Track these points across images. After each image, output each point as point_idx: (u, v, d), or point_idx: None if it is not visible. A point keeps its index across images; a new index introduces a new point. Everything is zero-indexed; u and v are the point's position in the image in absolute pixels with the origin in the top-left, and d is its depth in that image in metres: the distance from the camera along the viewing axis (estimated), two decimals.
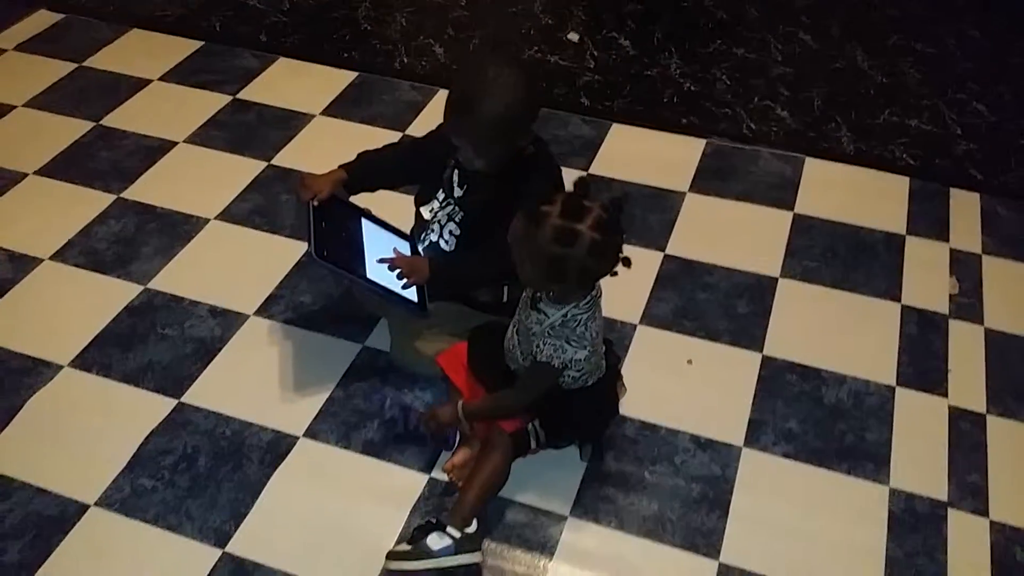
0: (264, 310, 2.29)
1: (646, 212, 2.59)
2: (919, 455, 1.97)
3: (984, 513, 1.87)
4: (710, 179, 2.73)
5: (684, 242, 2.50)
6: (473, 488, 1.78)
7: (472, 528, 1.75)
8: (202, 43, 3.30)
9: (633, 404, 2.02)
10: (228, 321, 2.25)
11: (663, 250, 2.47)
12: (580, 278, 1.71)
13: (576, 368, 1.81)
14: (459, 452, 1.92)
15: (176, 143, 2.83)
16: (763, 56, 3.30)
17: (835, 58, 3.29)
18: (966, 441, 2.01)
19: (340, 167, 2.05)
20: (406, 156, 2.14)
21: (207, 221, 2.55)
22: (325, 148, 2.15)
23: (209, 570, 1.74)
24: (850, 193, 2.69)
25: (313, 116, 2.95)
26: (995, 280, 2.40)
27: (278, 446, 1.97)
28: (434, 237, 2.05)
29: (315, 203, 1.97)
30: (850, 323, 2.28)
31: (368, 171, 2.08)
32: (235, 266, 2.42)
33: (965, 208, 2.63)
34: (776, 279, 2.39)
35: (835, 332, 2.25)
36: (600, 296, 1.79)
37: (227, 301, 2.30)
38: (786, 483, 1.92)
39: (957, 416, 2.06)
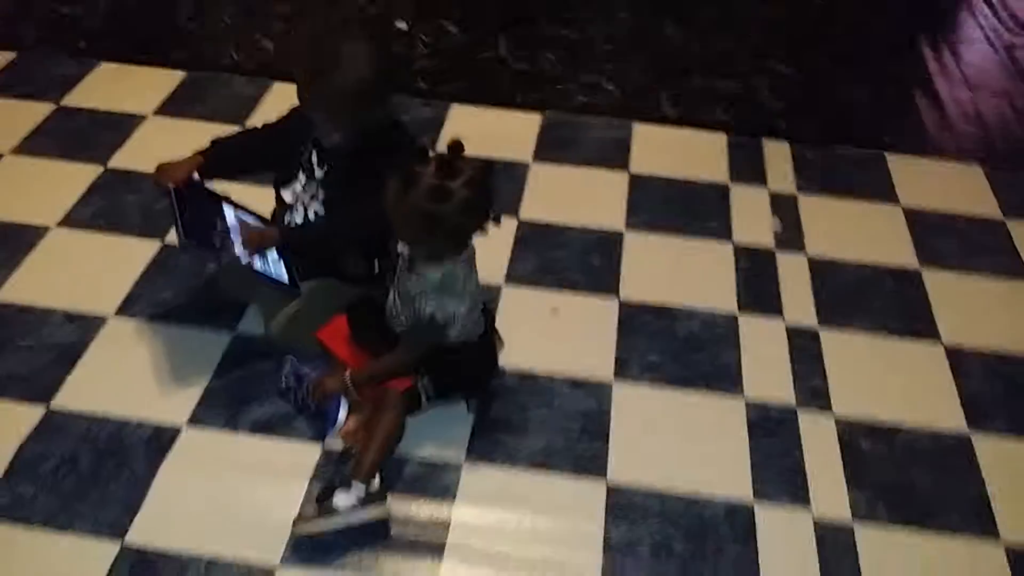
0: (124, 310, 2.23)
1: (495, 183, 2.70)
2: (766, 370, 2.19)
3: (828, 410, 2.11)
4: (551, 149, 2.89)
5: (535, 208, 2.64)
6: (371, 446, 1.83)
7: (376, 484, 1.80)
8: (15, 53, 3.15)
9: (510, 357, 2.12)
10: (87, 325, 2.19)
11: (517, 216, 2.60)
12: (454, 234, 1.80)
13: (459, 323, 1.90)
14: (351, 419, 1.96)
15: (2, 155, 2.70)
16: (588, 35, 3.51)
17: (652, 33, 3.54)
18: (805, 353, 2.25)
19: (196, 153, 2.05)
20: (261, 139, 2.15)
21: (48, 229, 2.46)
22: (164, 146, 2.11)
23: (110, 564, 1.71)
24: (676, 152, 2.91)
25: (145, 117, 2.89)
26: (811, 214, 2.67)
27: (161, 438, 1.94)
28: (299, 219, 2.08)
29: (172, 186, 1.96)
30: (691, 264, 2.49)
31: (223, 156, 2.08)
32: (85, 270, 2.35)
33: (777, 156, 2.91)
34: (622, 232, 2.57)
35: (679, 273, 2.45)
36: (474, 254, 1.89)
37: (83, 305, 2.23)
38: (656, 407, 2.09)
39: (794, 333, 2.30)
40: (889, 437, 2.05)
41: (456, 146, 1.74)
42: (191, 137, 2.15)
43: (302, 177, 2.08)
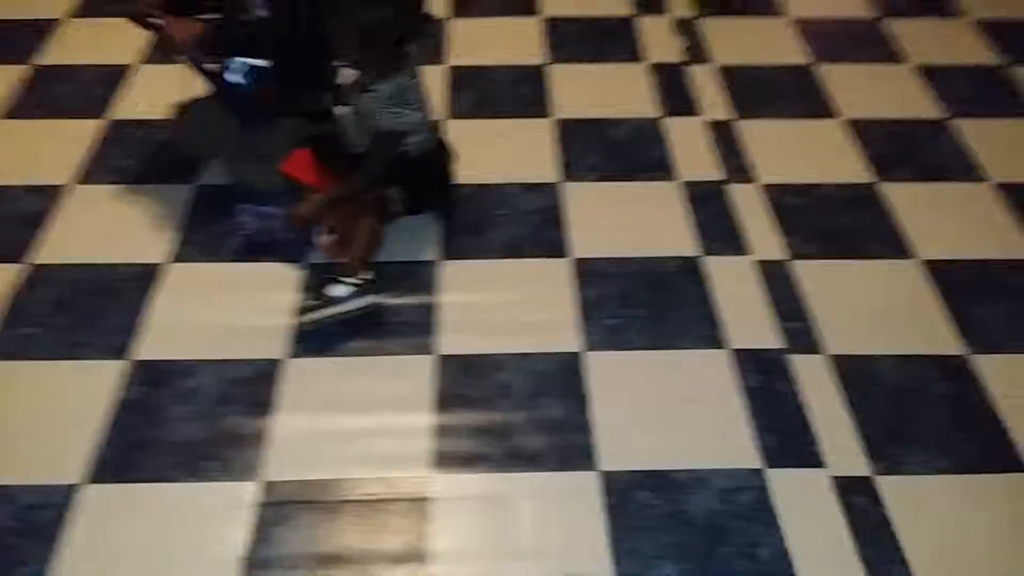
0: (84, 180, 2.30)
1: None
2: (694, 157, 2.40)
3: (754, 180, 2.35)
4: (466, 7, 3.03)
5: (463, 55, 2.79)
6: (357, 244, 1.97)
7: (368, 275, 1.95)
8: None
9: (464, 173, 2.27)
10: (49, 193, 2.24)
11: (448, 64, 2.75)
12: (398, 44, 1.93)
13: (415, 132, 2.05)
14: (328, 237, 2.08)
15: None
16: None
17: None
18: (726, 140, 2.47)
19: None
20: None
21: None
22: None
23: (120, 379, 1.81)
24: None
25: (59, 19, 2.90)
26: (712, 33, 2.90)
27: (148, 275, 2.04)
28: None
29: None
30: (612, 83, 2.67)
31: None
32: (36, 150, 2.39)
33: None
34: (544, 65, 2.74)
35: (602, 92, 2.64)
36: (418, 67, 2.03)
37: (40, 179, 2.29)
38: (603, 196, 2.28)
39: (712, 126, 2.52)
40: (809, 191, 2.30)
41: None
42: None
43: None
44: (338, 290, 1.90)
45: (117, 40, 2.75)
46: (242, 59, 2.12)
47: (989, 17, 2.96)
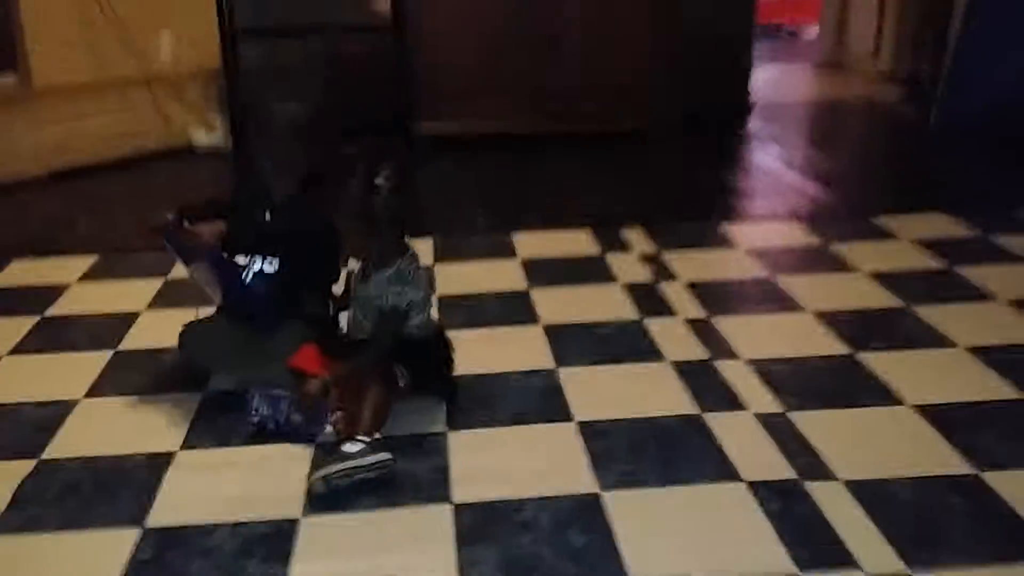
0: (93, 393, 2.36)
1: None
2: (677, 343, 2.56)
3: (738, 357, 2.48)
4: (448, 255, 3.32)
5: (449, 289, 3.01)
6: (365, 411, 2.02)
7: (378, 436, 1.97)
8: None
9: (460, 367, 2.38)
10: (60, 407, 2.29)
11: (434, 290, 2.96)
12: (392, 224, 2.15)
13: (417, 312, 2.19)
14: (337, 414, 2.12)
15: None
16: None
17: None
18: (703, 328, 2.65)
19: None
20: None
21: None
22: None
23: (133, 547, 1.76)
24: (552, 244, 3.40)
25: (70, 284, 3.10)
26: (672, 260, 3.19)
27: (158, 461, 2.04)
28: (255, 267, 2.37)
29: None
30: (593, 299, 2.89)
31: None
32: (42, 383, 2.46)
33: (632, 233, 3.47)
34: (527, 291, 2.97)
35: (584, 304, 2.83)
36: (417, 255, 2.23)
37: (51, 396, 2.34)
38: (597, 376, 2.40)
39: (690, 322, 2.72)
40: (791, 362, 2.45)
41: (374, 162, 2.15)
42: None
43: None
44: (351, 446, 1.92)
45: (127, 294, 2.96)
46: (254, 262, 2.31)
47: (926, 236, 3.33)
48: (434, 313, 2.41)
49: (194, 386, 2.37)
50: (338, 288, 2.39)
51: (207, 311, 2.44)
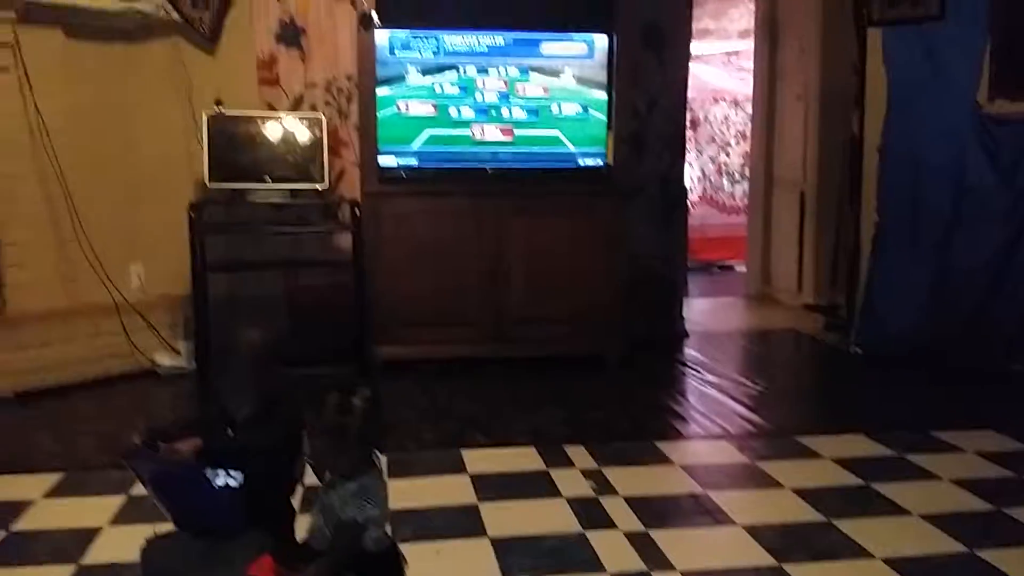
0: None
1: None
2: (617, 555, 2.72)
3: (674, 568, 2.65)
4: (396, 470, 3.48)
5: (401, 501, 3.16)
6: None
7: None
8: None
9: None
10: None
11: None
12: (362, 442, 2.35)
13: (374, 527, 2.35)
14: None
15: None
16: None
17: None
18: (642, 544, 2.82)
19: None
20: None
21: None
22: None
23: None
24: (499, 460, 3.60)
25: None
26: (614, 475, 3.40)
27: None
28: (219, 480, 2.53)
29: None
30: (539, 513, 3.07)
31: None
32: None
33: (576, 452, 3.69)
34: (476, 504, 3.12)
35: (530, 519, 3.01)
36: (383, 472, 2.43)
37: None
38: None
39: (629, 535, 2.88)
40: (723, 572, 2.62)
41: (350, 383, 2.40)
42: None
43: None
44: None
45: (90, 509, 3.05)
46: (217, 475, 2.47)
47: (846, 455, 3.61)
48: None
49: None
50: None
51: (165, 527, 2.57)
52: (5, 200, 4.57)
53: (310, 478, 2.44)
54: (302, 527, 2.47)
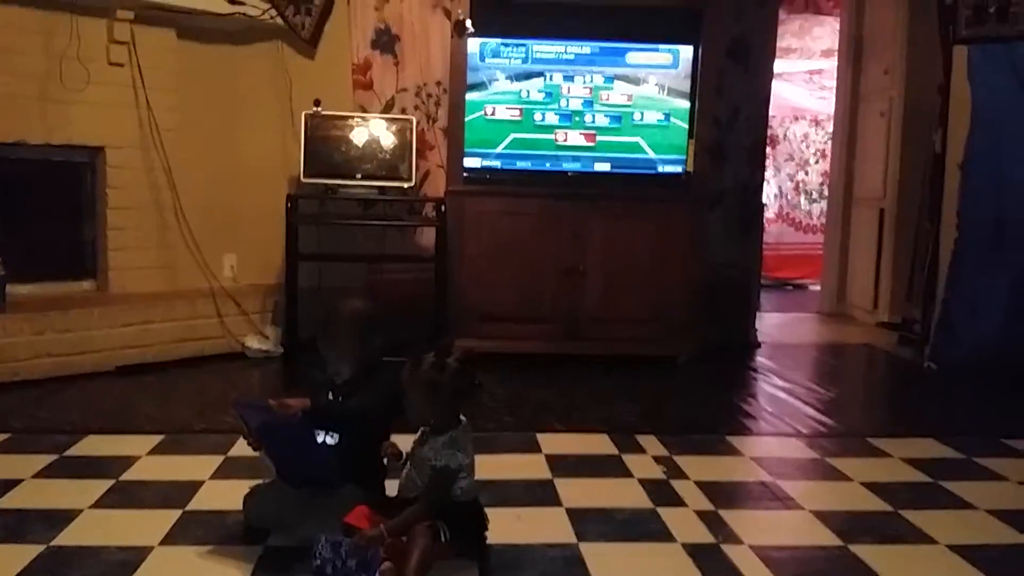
0: (165, 543, 2.66)
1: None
2: (690, 525, 2.84)
3: (742, 542, 2.75)
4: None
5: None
6: (412, 562, 2.31)
7: None
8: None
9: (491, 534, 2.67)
10: (137, 552, 2.59)
11: None
12: (453, 397, 2.53)
13: (463, 476, 2.52)
14: (386, 564, 2.40)
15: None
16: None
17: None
18: (713, 523, 2.93)
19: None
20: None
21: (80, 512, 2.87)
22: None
23: None
24: (572, 444, 3.73)
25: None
26: (683, 461, 3.50)
27: None
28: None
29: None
30: (611, 491, 3.19)
31: None
32: (119, 530, 2.77)
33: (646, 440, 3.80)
34: (551, 479, 3.27)
35: (605, 495, 3.13)
36: (470, 428, 2.59)
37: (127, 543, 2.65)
38: (616, 551, 2.68)
39: (700, 513, 2.99)
40: (785, 548, 2.71)
41: (448, 343, 2.57)
42: None
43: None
44: None
45: (191, 466, 3.30)
46: (318, 434, 2.67)
47: (916, 456, 3.65)
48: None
49: (256, 540, 2.66)
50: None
51: (264, 481, 2.78)
52: (113, 188, 4.93)
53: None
54: (391, 488, 2.67)
